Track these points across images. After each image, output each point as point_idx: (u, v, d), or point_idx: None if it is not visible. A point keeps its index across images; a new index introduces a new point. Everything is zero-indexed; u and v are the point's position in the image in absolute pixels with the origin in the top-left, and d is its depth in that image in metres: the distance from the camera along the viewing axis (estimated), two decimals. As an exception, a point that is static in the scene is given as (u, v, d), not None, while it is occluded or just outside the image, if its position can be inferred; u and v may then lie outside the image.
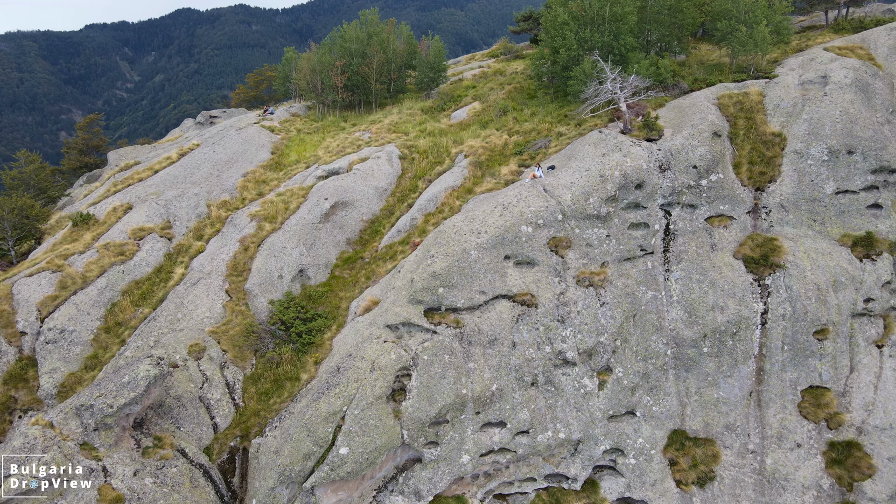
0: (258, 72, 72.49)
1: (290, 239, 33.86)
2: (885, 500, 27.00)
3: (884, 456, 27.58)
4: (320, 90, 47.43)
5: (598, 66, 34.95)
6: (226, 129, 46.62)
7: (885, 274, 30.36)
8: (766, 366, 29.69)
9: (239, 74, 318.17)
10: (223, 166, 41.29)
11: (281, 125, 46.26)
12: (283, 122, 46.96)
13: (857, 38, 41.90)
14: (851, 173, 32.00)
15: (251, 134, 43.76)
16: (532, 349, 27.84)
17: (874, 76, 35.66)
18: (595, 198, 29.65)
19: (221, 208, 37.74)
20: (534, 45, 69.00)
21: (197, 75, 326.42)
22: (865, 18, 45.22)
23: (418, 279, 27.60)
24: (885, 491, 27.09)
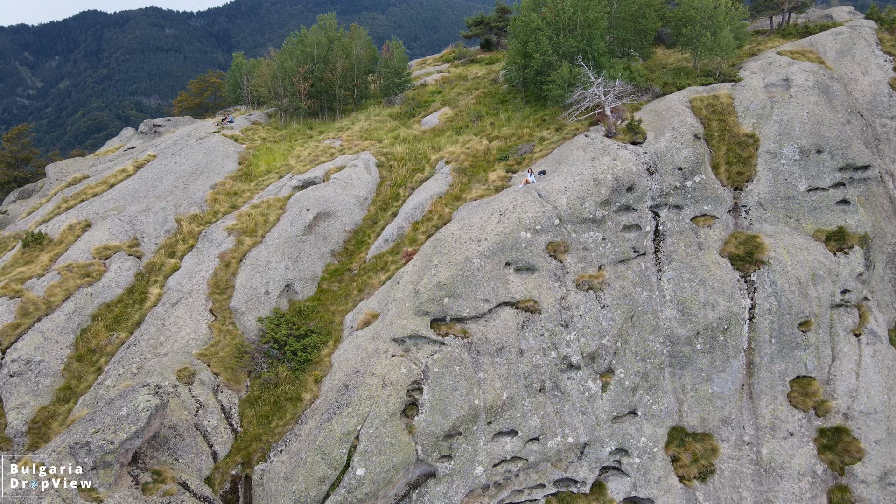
0: (201, 78, 69.58)
1: (273, 253, 32.48)
2: (875, 482, 28.45)
3: (871, 439, 29.06)
4: (283, 97, 45.89)
5: (580, 71, 35.34)
6: (183, 138, 44.36)
7: (857, 266, 32.05)
8: (756, 359, 30.74)
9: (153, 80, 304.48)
10: (188, 178, 39.23)
11: (244, 134, 44.43)
12: (245, 131, 45.12)
13: (806, 42, 44.24)
14: (821, 171, 33.66)
15: (214, 144, 41.79)
16: (539, 355, 27.76)
17: (831, 79, 37.69)
18: (590, 202, 29.91)
19: (192, 223, 35.81)
20: (484, 49, 69.50)
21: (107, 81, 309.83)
22: (810, 24, 47.82)
23: (424, 290, 27.00)
24: (874, 472, 28.54)
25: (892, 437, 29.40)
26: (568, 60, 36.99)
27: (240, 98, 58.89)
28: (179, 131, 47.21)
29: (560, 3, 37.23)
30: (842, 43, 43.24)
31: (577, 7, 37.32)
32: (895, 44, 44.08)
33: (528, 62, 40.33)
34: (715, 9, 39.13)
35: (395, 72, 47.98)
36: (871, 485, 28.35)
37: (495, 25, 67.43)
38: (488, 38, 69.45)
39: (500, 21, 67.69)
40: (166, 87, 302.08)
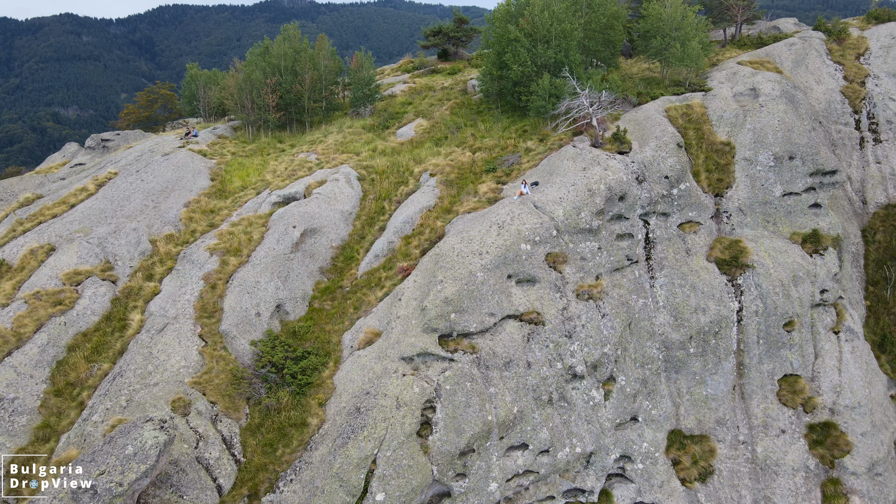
0: (150, 90, 66.54)
1: (262, 273, 31.28)
2: (864, 473, 29.76)
3: (857, 432, 30.41)
4: (251, 110, 44.45)
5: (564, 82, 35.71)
6: (146, 154, 42.26)
7: (833, 266, 33.59)
8: (746, 360, 31.71)
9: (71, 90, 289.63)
10: (159, 196, 37.36)
11: (211, 148, 42.72)
12: (212, 146, 43.40)
13: (763, 52, 46.28)
14: (794, 177, 35.15)
15: (183, 159, 39.99)
16: (545, 367, 27.74)
17: (794, 88, 39.50)
18: (586, 212, 30.19)
19: (169, 243, 34.10)
20: (442, 59, 69.59)
21: (20, 91, 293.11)
22: (763, 35, 50.05)
23: (431, 306, 26.55)
24: (863, 464, 29.86)
25: (876, 428, 30.87)
26: (548, 72, 37.33)
27: (196, 111, 56.73)
28: (139, 146, 44.98)
29: (538, 15, 37.56)
30: (796, 53, 45.44)
31: (553, 19, 37.74)
32: (843, 54, 46.65)
33: (505, 73, 40.52)
34: (683, 20, 40.33)
35: (365, 83, 47.28)
36: (860, 476, 29.64)
37: (453, 36, 67.68)
38: (446, 48, 69.64)
39: (458, 31, 68.01)
40: (86, 97, 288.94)
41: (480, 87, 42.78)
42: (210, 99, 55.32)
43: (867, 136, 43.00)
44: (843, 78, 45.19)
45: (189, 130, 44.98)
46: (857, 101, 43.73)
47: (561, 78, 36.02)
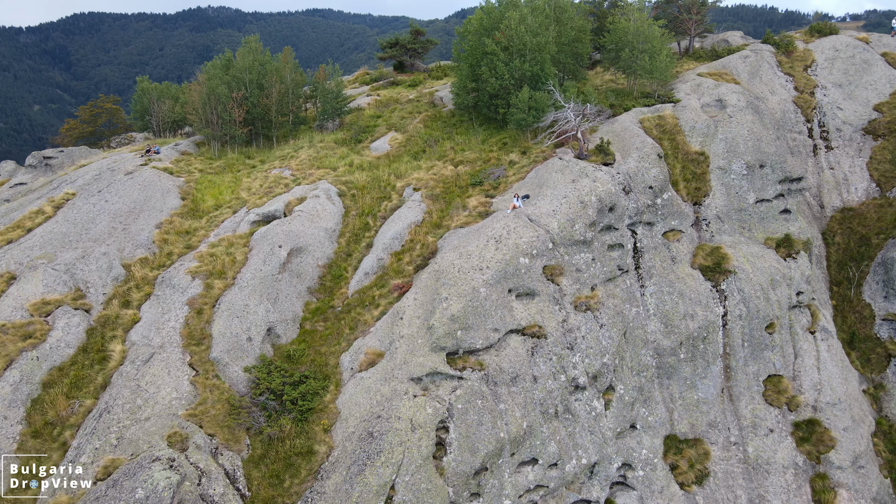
0: (93, 104, 63.22)
1: (250, 295, 30.04)
2: (849, 466, 31.13)
3: (839, 427, 31.80)
4: (218, 125, 42.82)
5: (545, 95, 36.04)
6: (105, 173, 40.02)
7: (806, 269, 35.15)
8: (732, 363, 32.71)
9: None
10: (127, 218, 35.38)
11: (177, 166, 40.85)
12: (176, 163, 41.49)
13: (719, 64, 48.19)
14: (765, 184, 36.64)
15: (149, 178, 38.03)
16: (550, 380, 27.75)
17: (757, 99, 41.25)
18: (580, 224, 30.49)
19: (144, 267, 32.32)
20: (398, 71, 69.29)
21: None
22: (718, 48, 52.14)
23: (439, 325, 26.13)
24: (847, 458, 31.23)
25: (856, 423, 32.39)
26: (529, 85, 37.63)
27: (148, 125, 54.26)
28: (95, 164, 42.61)
29: (514, 29, 37.84)
30: (750, 65, 47.53)
31: (529, 32, 38.12)
32: (792, 66, 49.12)
33: (480, 85, 40.61)
34: (650, 33, 41.48)
35: (333, 95, 46.39)
36: (846, 470, 30.99)
37: (410, 47, 67.49)
38: (402, 59, 69.38)
39: (415, 43, 67.88)
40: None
41: (454, 100, 42.68)
42: (164, 113, 53.07)
43: (819, 144, 45.37)
44: (793, 88, 47.57)
45: (150, 147, 42.92)
46: (809, 110, 46.11)
47: (541, 91, 36.33)
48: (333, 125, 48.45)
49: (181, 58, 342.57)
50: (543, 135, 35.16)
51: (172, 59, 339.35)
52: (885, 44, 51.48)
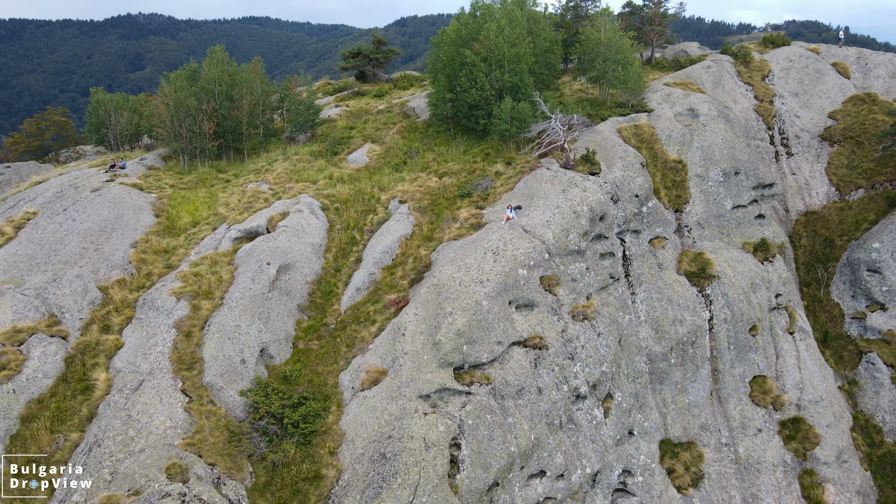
0: (40, 116, 60.02)
1: (241, 315, 28.93)
2: (834, 461, 32.28)
3: (823, 424, 32.97)
4: (188, 138, 41.22)
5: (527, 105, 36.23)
6: (67, 190, 37.89)
7: (783, 272, 36.42)
8: (720, 365, 33.52)
9: None
10: (98, 237, 33.57)
11: (145, 181, 39.05)
12: (144, 178, 39.69)
13: (683, 74, 49.62)
14: (740, 191, 37.83)
15: (119, 195, 36.21)
16: (554, 391, 27.75)
17: (726, 108, 42.62)
18: (574, 234, 30.70)
19: (122, 289, 30.71)
20: (360, 80, 68.66)
21: None
22: (681, 58, 53.72)
23: (446, 340, 25.76)
24: (832, 454, 32.39)
25: (837, 419, 33.65)
26: (509, 95, 37.77)
27: (104, 139, 51.82)
28: (55, 181, 40.34)
29: (493, 40, 37.96)
30: (713, 75, 49.14)
31: (507, 43, 38.31)
32: (751, 75, 51.06)
33: (458, 96, 40.54)
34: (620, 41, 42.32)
35: (306, 107, 45.43)
36: (831, 465, 32.12)
37: (373, 57, 66.96)
38: (364, 69, 68.77)
39: (377, 53, 67.40)
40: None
41: (432, 111, 42.43)
42: (121, 126, 50.87)
43: (781, 150, 47.25)
44: (754, 97, 49.45)
45: (115, 162, 40.99)
46: (769, 118, 47.99)
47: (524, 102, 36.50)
48: (304, 137, 47.46)
49: (111, 66, 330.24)
50: (532, 145, 35.32)
51: (102, 67, 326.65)
52: (833, 54, 54.15)
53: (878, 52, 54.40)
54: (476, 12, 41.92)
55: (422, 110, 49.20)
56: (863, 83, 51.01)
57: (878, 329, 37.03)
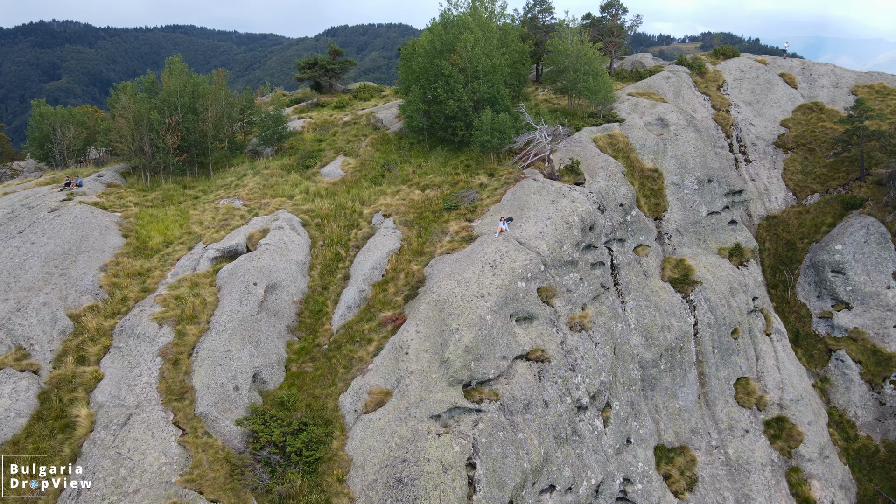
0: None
1: (231, 340, 27.46)
2: (817, 458, 33.41)
3: (805, 422, 34.11)
4: (151, 154, 39.09)
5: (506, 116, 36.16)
6: (21, 210, 35.21)
7: (758, 275, 37.61)
8: (706, 369, 34.22)
9: None
10: (63, 261, 31.26)
11: (107, 199, 36.71)
12: (105, 196, 37.30)
13: (644, 84, 50.87)
14: (714, 198, 38.91)
15: (81, 215, 33.84)
16: (559, 404, 27.58)
17: (692, 117, 43.87)
18: (567, 244, 30.72)
19: (96, 316, 28.64)
20: (315, 91, 67.36)
21: None
22: (640, 69, 55.07)
23: (455, 357, 25.17)
24: (815, 450, 33.51)
25: (817, 416, 34.88)
26: (489, 106, 37.65)
27: (49, 154, 48.64)
28: (3, 201, 37.48)
29: (470, 51, 37.78)
30: (673, 86, 50.59)
31: (484, 54, 38.24)
32: (707, 86, 52.86)
33: (434, 108, 40.14)
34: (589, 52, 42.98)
35: (274, 120, 43.96)
36: (815, 461, 33.24)
37: (330, 68, 65.77)
38: (320, 80, 67.47)
39: (334, 63, 66.25)
40: None
41: (406, 123, 41.81)
42: (68, 140, 47.94)
43: (740, 158, 49.04)
44: (711, 107, 51.20)
45: (70, 179, 38.44)
46: (728, 126, 49.77)
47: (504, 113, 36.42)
48: (270, 151, 45.93)
49: (23, 75, 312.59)
50: (518, 157, 35.24)
51: (13, 76, 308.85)
52: (780, 65, 56.77)
53: (819, 63, 57.42)
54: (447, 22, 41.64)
55: (390, 122, 48.53)
56: (809, 93, 53.66)
57: (845, 327, 38.74)
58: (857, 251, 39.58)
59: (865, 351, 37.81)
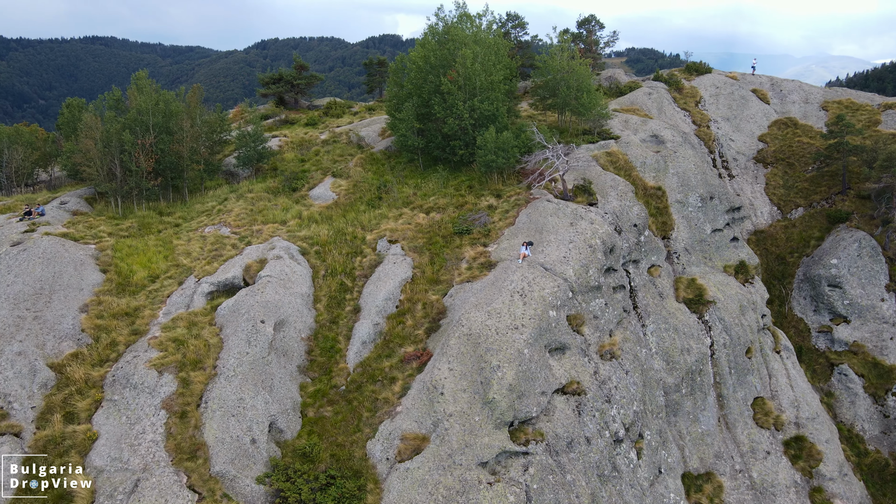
0: None
1: (242, 386, 24.71)
2: (837, 476, 33.14)
3: (822, 440, 33.85)
4: (122, 177, 35.58)
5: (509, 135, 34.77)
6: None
7: (764, 292, 37.40)
8: (724, 391, 33.55)
9: None
10: (35, 302, 27.64)
11: (75, 230, 33.01)
12: (73, 225, 33.55)
13: (627, 100, 50.73)
14: (716, 215, 38.60)
15: (50, 249, 30.14)
16: (599, 439, 26.10)
17: (685, 133, 43.68)
18: (593, 269, 29.44)
19: (81, 365, 25.31)
20: (280, 107, 64.50)
21: None
22: (621, 84, 54.90)
23: (500, 397, 23.31)
24: (835, 469, 33.25)
25: (832, 433, 34.72)
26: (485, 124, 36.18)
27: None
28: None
29: (470, 67, 36.27)
30: (655, 101, 50.58)
31: (484, 70, 36.83)
32: (685, 101, 53.18)
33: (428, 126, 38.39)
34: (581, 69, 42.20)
35: (253, 139, 41.09)
36: (836, 480, 32.96)
37: (297, 83, 63.02)
38: (284, 96, 64.63)
39: (300, 79, 63.56)
40: None
41: (399, 141, 39.76)
42: (17, 162, 43.61)
43: (723, 173, 49.33)
44: (692, 122, 51.45)
45: (30, 208, 34.56)
46: (710, 142, 50.06)
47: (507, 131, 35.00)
48: (246, 172, 42.98)
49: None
50: (533, 177, 33.80)
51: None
52: (750, 81, 57.88)
53: (786, 79, 58.91)
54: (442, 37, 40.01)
55: (373, 140, 46.42)
56: (781, 108, 54.80)
57: (845, 341, 39.04)
58: (852, 265, 40.10)
59: (867, 364, 38.16)
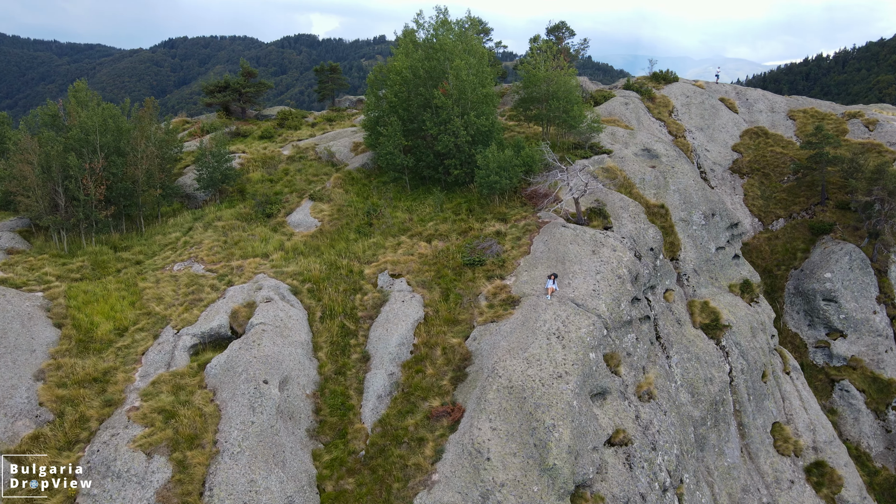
0: None
1: (251, 465, 20.78)
2: (859, 500, 32.34)
3: (841, 464, 33.00)
4: (68, 209, 30.36)
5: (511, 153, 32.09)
6: None
7: (770, 312, 36.37)
8: (744, 419, 32.13)
9: None
10: (-24, 371, 22.56)
11: (15, 273, 27.71)
12: (8, 267, 28.09)
13: (604, 110, 49.33)
14: (718, 233, 37.33)
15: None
16: (651, 493, 23.77)
17: (678, 148, 42.35)
18: (624, 302, 27.18)
19: (45, 450, 20.66)
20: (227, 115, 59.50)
21: None
22: (594, 93, 53.31)
23: (561, 463, 20.50)
24: (856, 493, 32.45)
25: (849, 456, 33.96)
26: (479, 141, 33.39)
27: None
28: None
29: (465, 79, 33.32)
30: (633, 112, 49.31)
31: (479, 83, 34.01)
32: (659, 111, 52.25)
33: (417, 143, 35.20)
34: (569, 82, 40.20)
35: (216, 157, 36.46)
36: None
37: (244, 91, 58.05)
38: (230, 105, 59.52)
39: (248, 86, 58.64)
40: None
41: (386, 160, 36.17)
42: None
43: (703, 184, 48.49)
44: (668, 133, 50.48)
45: (-46, 247, 28.91)
46: (688, 153, 49.19)
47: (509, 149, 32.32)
48: (205, 195, 38.29)
49: None
50: (550, 199, 31.15)
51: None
52: (716, 90, 57.75)
53: (750, 88, 59.20)
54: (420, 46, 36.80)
55: (345, 156, 42.69)
56: (749, 117, 54.83)
57: (843, 356, 38.68)
58: (845, 278, 39.87)
59: (866, 378, 37.92)
